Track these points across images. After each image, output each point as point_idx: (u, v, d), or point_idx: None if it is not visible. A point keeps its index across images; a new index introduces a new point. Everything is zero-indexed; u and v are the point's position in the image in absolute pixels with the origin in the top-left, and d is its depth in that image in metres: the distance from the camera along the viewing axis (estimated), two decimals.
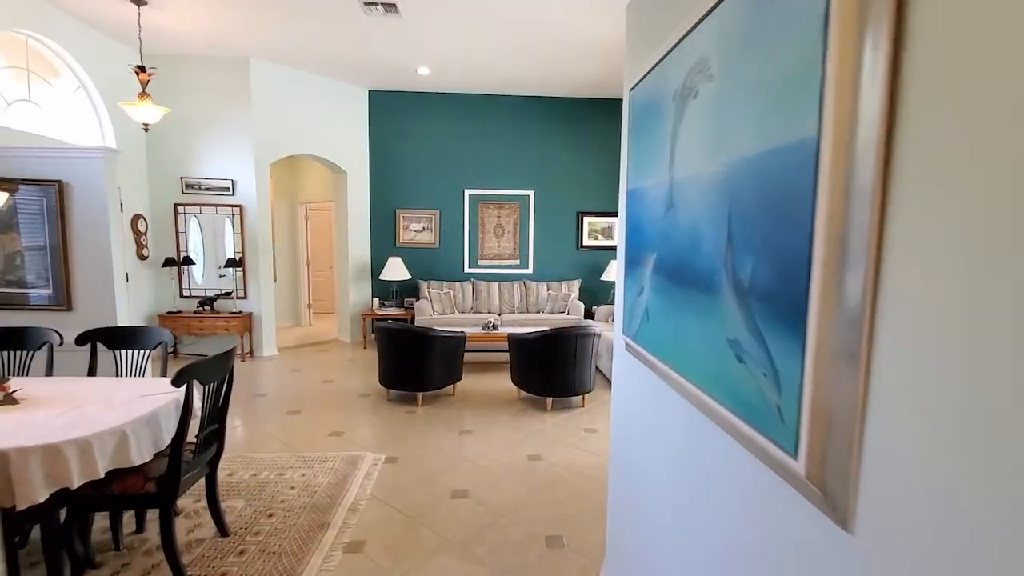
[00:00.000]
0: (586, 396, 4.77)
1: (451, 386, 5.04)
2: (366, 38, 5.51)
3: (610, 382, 5.62)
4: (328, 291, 9.20)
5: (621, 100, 7.51)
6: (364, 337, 7.17)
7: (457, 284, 7.40)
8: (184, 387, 2.19)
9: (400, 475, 3.36)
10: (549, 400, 4.63)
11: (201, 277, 6.58)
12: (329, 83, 6.94)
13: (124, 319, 4.34)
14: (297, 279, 8.72)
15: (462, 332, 4.93)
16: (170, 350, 2.78)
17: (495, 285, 7.44)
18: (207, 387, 2.36)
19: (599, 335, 4.63)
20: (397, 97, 7.39)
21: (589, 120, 7.61)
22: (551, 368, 4.51)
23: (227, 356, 2.43)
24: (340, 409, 4.64)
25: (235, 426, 4.19)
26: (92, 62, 5.44)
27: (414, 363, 4.64)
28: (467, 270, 7.73)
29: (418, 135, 7.46)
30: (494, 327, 6.00)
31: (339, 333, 7.76)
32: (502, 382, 5.53)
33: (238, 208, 6.41)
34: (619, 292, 2.20)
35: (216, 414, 2.49)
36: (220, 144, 6.31)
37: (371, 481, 3.25)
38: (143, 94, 4.83)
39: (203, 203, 6.39)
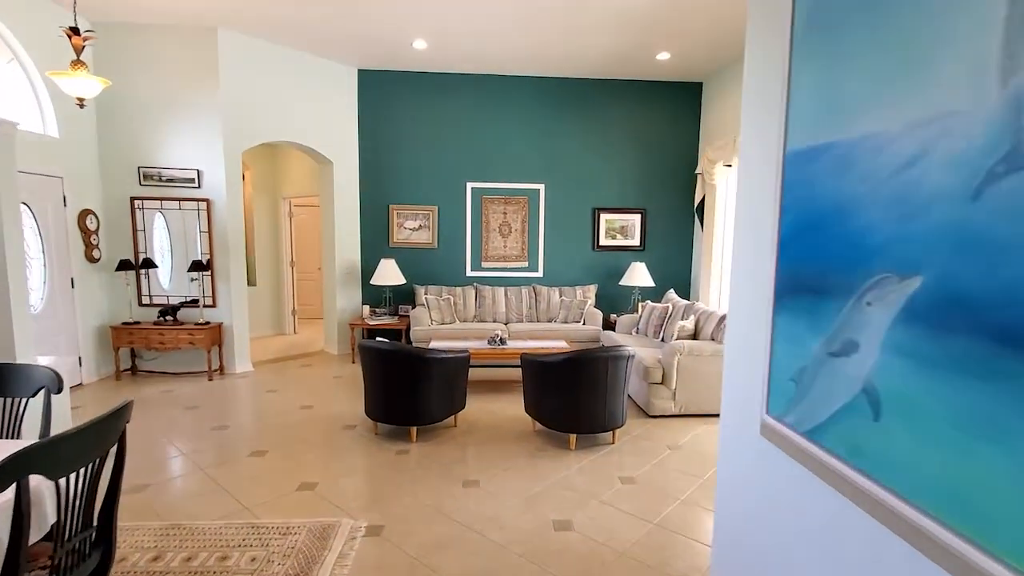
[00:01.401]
0: (616, 431, 3.92)
1: (452, 417, 4.19)
2: (353, 3, 4.65)
3: (642, 410, 4.82)
4: (315, 295, 8.34)
5: (642, 81, 6.79)
6: (352, 350, 6.32)
7: (458, 289, 6.54)
8: (15, 487, 1.33)
9: (384, 556, 2.51)
10: (572, 437, 3.78)
11: (169, 282, 5.72)
12: (312, 60, 6.07)
13: (24, 350, 3.39)
14: (279, 282, 7.85)
15: (465, 351, 4.08)
16: (55, 393, 1.89)
17: (501, 290, 6.59)
18: (77, 474, 1.50)
19: (632, 356, 3.78)
20: (390, 78, 6.53)
21: (607, 104, 6.75)
22: (576, 399, 3.66)
23: (111, 420, 1.57)
24: (317, 448, 3.78)
25: (174, 476, 3.33)
26: (26, 27, 4.58)
27: (407, 392, 3.79)
28: (469, 273, 6.88)
29: (414, 121, 6.60)
30: (502, 341, 5.15)
31: (325, 344, 6.90)
32: (513, 408, 4.68)
33: (205, 202, 5.54)
34: (754, 338, 1.35)
35: (92, 513, 1.63)
36: (183, 129, 5.44)
37: (344, 569, 2.39)
38: (77, 62, 3.96)
39: (164, 196, 5.53)
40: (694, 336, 4.70)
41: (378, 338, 4.08)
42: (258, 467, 3.46)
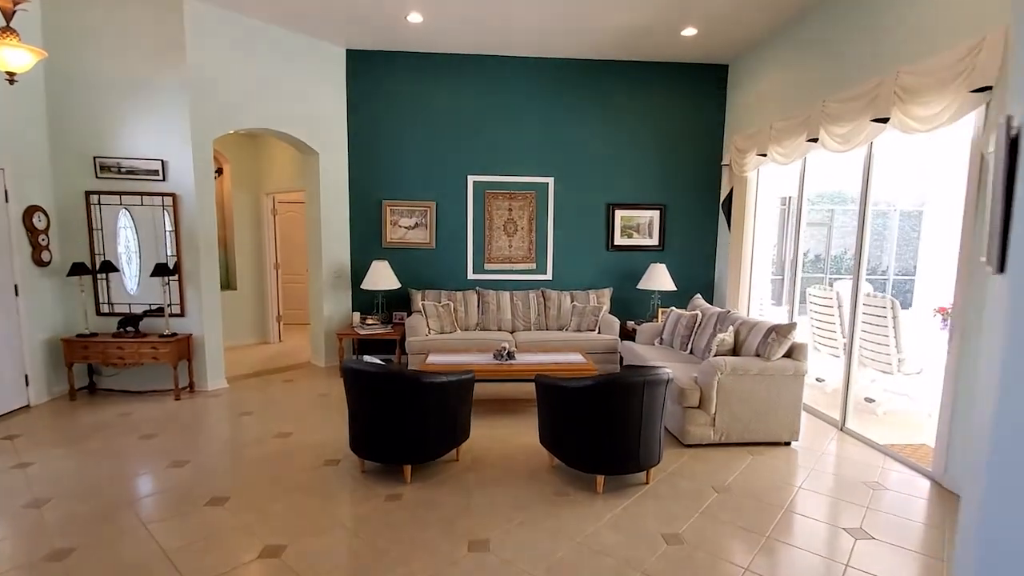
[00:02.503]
0: (651, 469, 3.27)
1: (454, 450, 3.54)
2: None
3: (675, 438, 3.93)
4: (302, 300, 7.69)
5: (662, 63, 6.02)
6: (341, 362, 5.64)
7: (459, 294, 5.89)
8: None
9: None
10: (600, 479, 3.13)
11: (136, 287, 5.05)
12: (294, 38, 5.40)
13: None
14: (263, 286, 7.18)
15: (469, 372, 3.42)
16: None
17: (506, 295, 5.93)
18: None
19: (671, 380, 3.12)
20: (382, 59, 5.86)
21: (623, 89, 6.09)
22: (605, 433, 3.00)
23: None
24: (290, 494, 3.12)
25: (106, 538, 2.65)
26: None
27: (399, 424, 3.13)
28: (471, 276, 6.22)
29: (409, 108, 5.94)
30: (509, 355, 4.50)
31: (312, 354, 6.24)
32: (525, 434, 4.03)
33: (170, 197, 4.87)
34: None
35: None
36: (145, 113, 4.77)
37: None
38: (6, 30, 3.31)
39: (124, 191, 4.85)
40: (734, 351, 4.05)
41: (366, 356, 3.43)
42: (215, 521, 2.80)
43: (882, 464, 3.60)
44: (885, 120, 3.58)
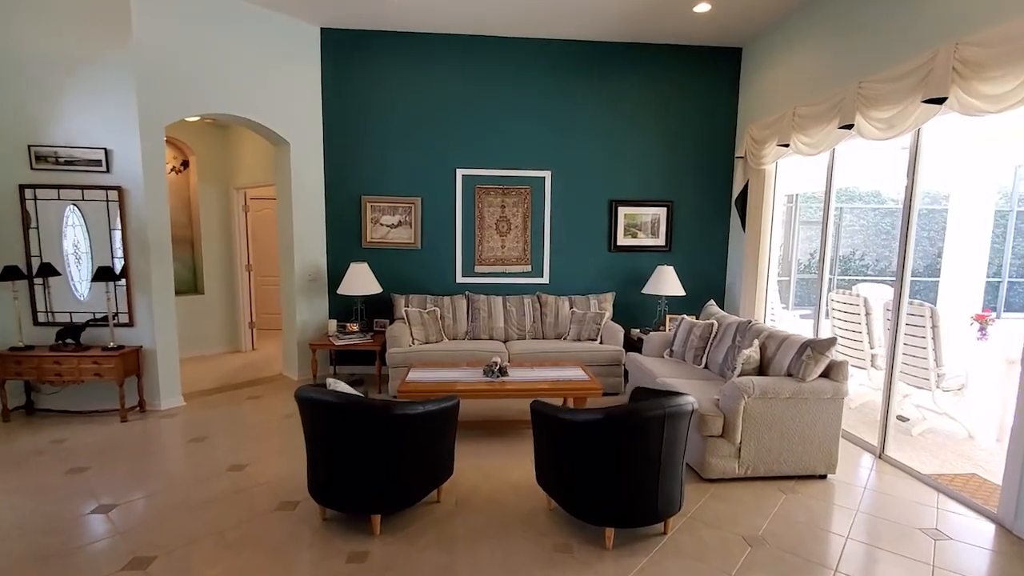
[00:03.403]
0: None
1: (435, 491, 2.98)
2: None
3: (694, 471, 3.29)
4: (278, 304, 7.09)
5: (670, 46, 5.30)
6: (314, 375, 5.07)
7: (446, 299, 5.33)
8: None
9: None
10: (610, 532, 2.58)
11: (87, 292, 4.46)
12: (260, 14, 4.82)
13: None
14: (234, 289, 6.59)
15: (452, 398, 2.87)
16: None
17: (499, 301, 5.38)
18: None
19: (695, 409, 2.58)
20: (361, 39, 5.29)
21: (627, 74, 5.54)
22: (616, 478, 2.46)
23: None
24: (232, 552, 2.56)
25: None
26: None
27: (365, 466, 2.57)
28: (460, 280, 5.66)
29: (391, 93, 5.37)
30: (501, 371, 3.95)
31: (284, 366, 5.66)
32: (518, 466, 3.48)
33: (115, 191, 4.29)
34: None
35: None
36: (86, 96, 4.18)
37: None
38: None
39: (64, 184, 4.27)
40: (759, 369, 3.51)
41: (329, 380, 2.87)
42: None
43: (936, 503, 3.08)
44: (940, 101, 3.05)
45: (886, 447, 3.71)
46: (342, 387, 2.81)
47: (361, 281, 5.11)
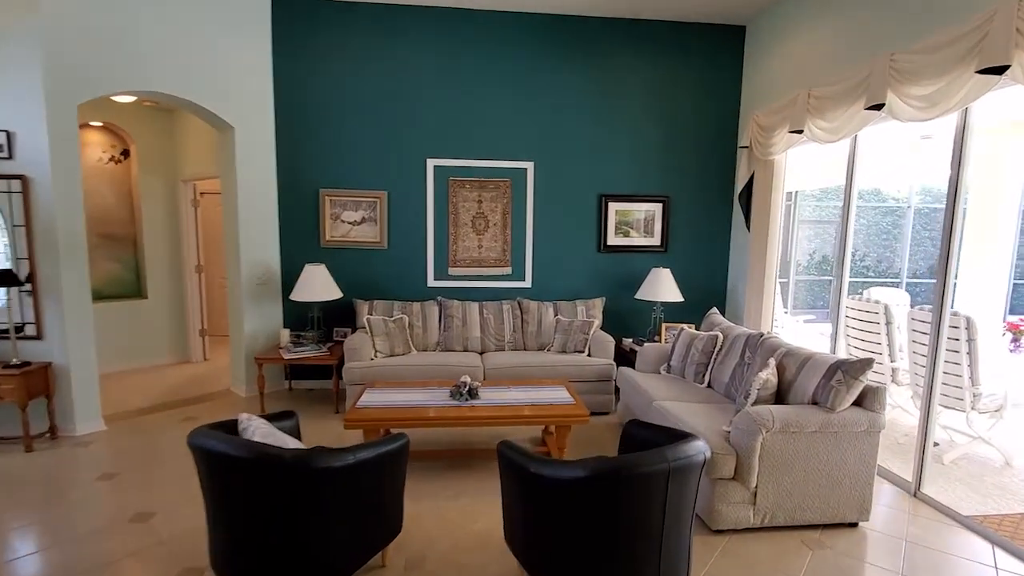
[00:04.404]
0: None
1: (379, 553, 2.37)
2: None
3: (705, 525, 2.66)
4: None
5: (667, 23, 4.71)
6: (262, 394, 4.44)
7: (415, 305, 4.72)
8: None
9: None
10: None
11: (3, 301, 3.80)
12: None
13: None
14: (182, 294, 5.93)
15: (399, 439, 2.26)
16: None
17: (475, 307, 4.78)
18: None
19: (707, 459, 1.99)
20: (320, 9, 4.66)
21: (619, 55, 4.96)
22: (603, 553, 1.87)
23: None
24: None
25: None
26: None
27: (282, 534, 1.96)
28: (432, 283, 5.05)
29: (354, 73, 4.75)
30: (471, 393, 3.34)
31: (233, 381, 5.02)
32: (485, 514, 2.88)
33: (18, 180, 3.63)
34: None
35: None
36: None
37: None
38: None
39: None
40: (777, 396, 2.94)
41: (242, 415, 2.26)
42: None
43: (993, 560, 2.53)
44: (1000, 70, 2.50)
45: (922, 483, 3.15)
46: (256, 426, 2.20)
47: (317, 285, 4.49)
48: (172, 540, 2.60)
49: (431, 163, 4.89)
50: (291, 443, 2.19)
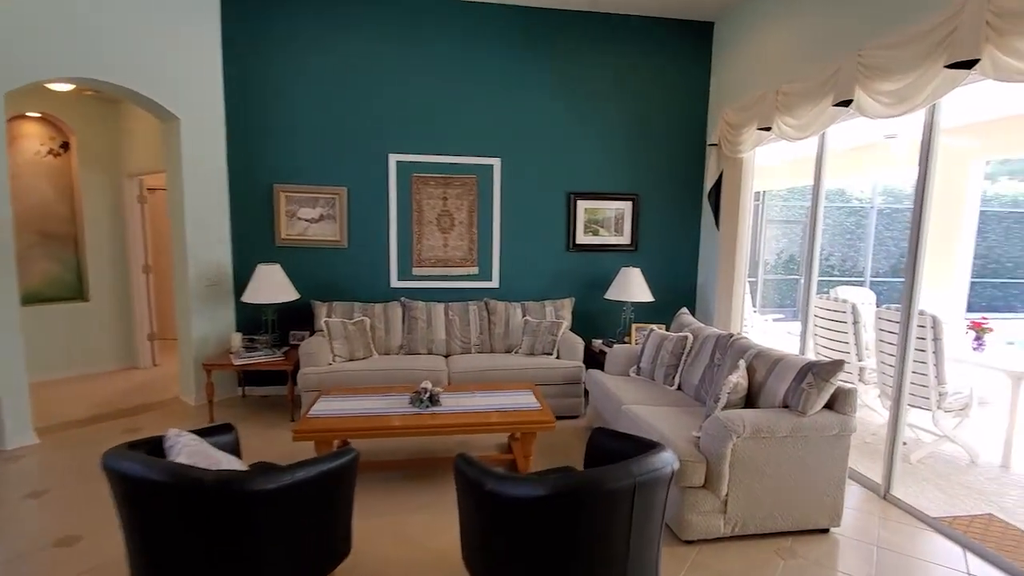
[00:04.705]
0: None
1: None
2: None
3: (675, 535, 2.53)
4: None
5: (637, 18, 4.59)
6: (210, 403, 4.17)
7: (377, 307, 4.52)
8: None
9: None
10: None
11: None
12: None
13: None
14: (128, 295, 5.59)
15: (345, 455, 2.08)
16: None
17: (440, 309, 4.60)
18: None
19: (675, 471, 1.87)
20: None
21: (588, 50, 4.85)
22: (568, 568, 1.73)
23: None
24: None
25: None
26: None
27: (205, 564, 1.76)
28: (395, 284, 4.85)
29: (311, 63, 4.51)
30: (431, 400, 3.17)
31: (181, 388, 4.73)
32: (446, 529, 2.71)
33: None
34: None
35: None
36: None
37: None
38: None
39: None
40: (747, 400, 2.85)
41: (171, 431, 2.05)
42: None
43: (965, 566, 2.48)
44: (969, 65, 2.45)
45: (892, 485, 3.11)
46: (184, 444, 1.99)
47: (271, 286, 4.24)
48: (98, 567, 2.36)
49: (393, 158, 4.69)
50: (224, 462, 1.99)
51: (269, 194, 4.57)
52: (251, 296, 4.21)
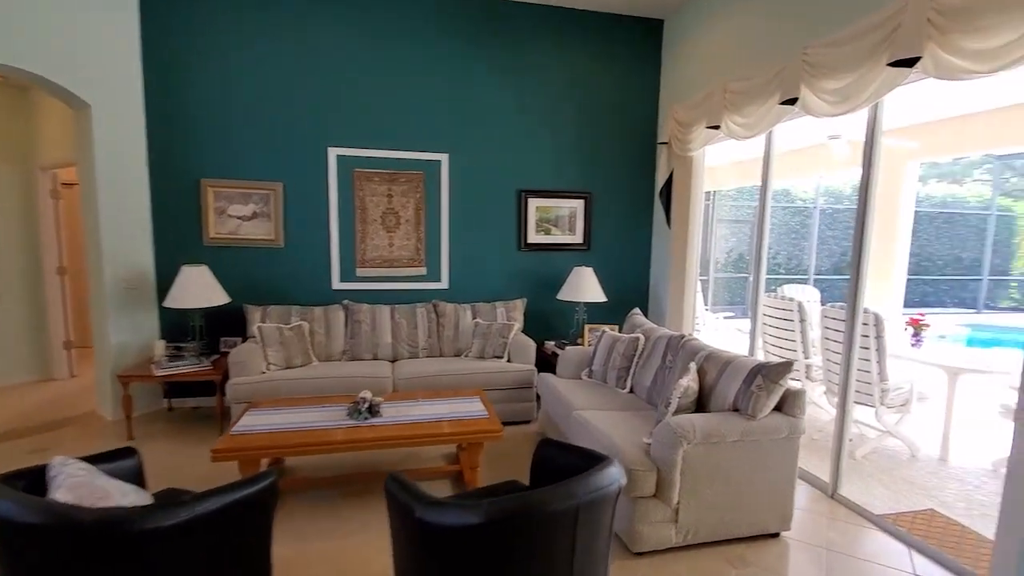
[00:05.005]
0: None
1: None
2: None
3: (625, 547, 2.40)
4: None
5: (590, 13, 4.52)
6: (128, 418, 3.81)
7: (318, 311, 4.25)
8: None
9: None
10: None
11: None
12: None
13: None
14: (39, 299, 5.09)
15: (262, 479, 1.86)
16: None
17: (386, 311, 4.37)
18: None
19: (622, 487, 1.75)
20: None
21: (538, 42, 4.72)
22: None
23: None
24: None
25: None
26: None
27: None
28: (338, 285, 4.59)
29: (242, 46, 4.20)
30: (371, 410, 2.96)
31: (98, 401, 4.33)
32: (383, 552, 2.52)
33: None
34: None
35: None
36: None
37: None
38: None
39: None
40: (698, 402, 2.77)
41: (56, 460, 1.78)
42: None
43: (911, 566, 2.47)
44: (911, 63, 2.44)
45: (839, 484, 3.11)
46: (68, 474, 1.72)
47: (198, 289, 3.92)
48: None
49: (333, 152, 4.42)
50: (116, 494, 1.73)
51: (196, 189, 4.23)
52: (175, 300, 3.87)
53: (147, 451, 3.57)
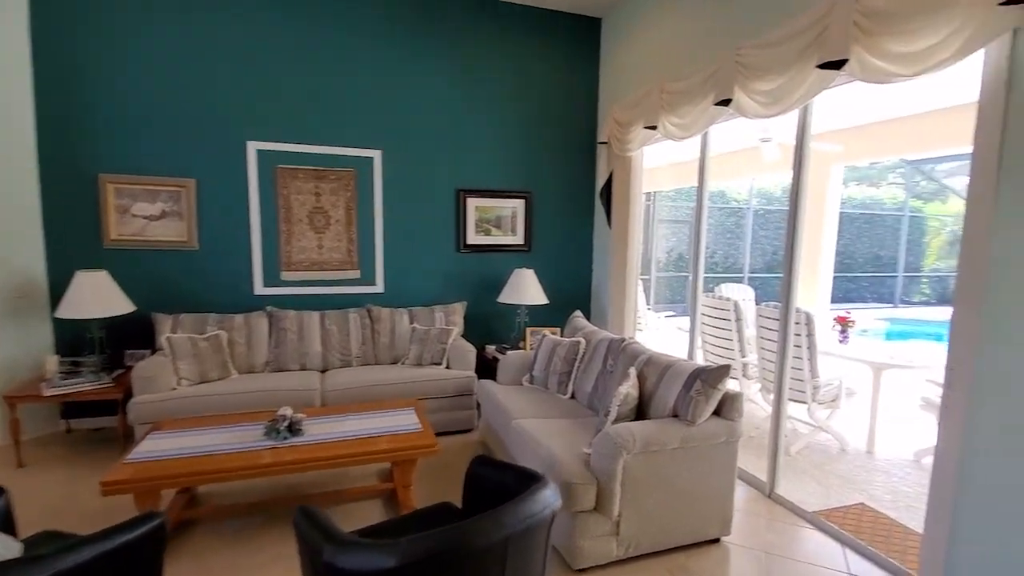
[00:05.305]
0: None
1: None
2: None
3: (566, 563, 2.27)
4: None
5: (528, 8, 4.52)
6: (17, 443, 3.36)
7: (239, 318, 3.92)
8: None
9: None
10: None
11: None
12: None
13: None
14: None
15: (145, 523, 1.60)
16: None
17: (315, 318, 4.09)
18: None
19: (556, 511, 1.62)
20: None
21: (478, 36, 4.56)
22: None
23: None
24: None
25: None
26: None
27: None
28: (261, 291, 4.25)
29: (148, 24, 3.80)
30: (291, 429, 2.71)
31: None
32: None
33: None
34: None
35: None
36: None
37: None
38: None
39: None
40: (638, 408, 2.70)
41: None
42: None
43: (846, 563, 2.49)
44: (838, 65, 2.45)
45: (776, 483, 3.13)
46: None
47: (96, 297, 3.50)
48: None
49: (252, 146, 4.09)
50: None
51: (93, 185, 3.79)
52: (68, 310, 3.44)
53: (38, 480, 3.16)
